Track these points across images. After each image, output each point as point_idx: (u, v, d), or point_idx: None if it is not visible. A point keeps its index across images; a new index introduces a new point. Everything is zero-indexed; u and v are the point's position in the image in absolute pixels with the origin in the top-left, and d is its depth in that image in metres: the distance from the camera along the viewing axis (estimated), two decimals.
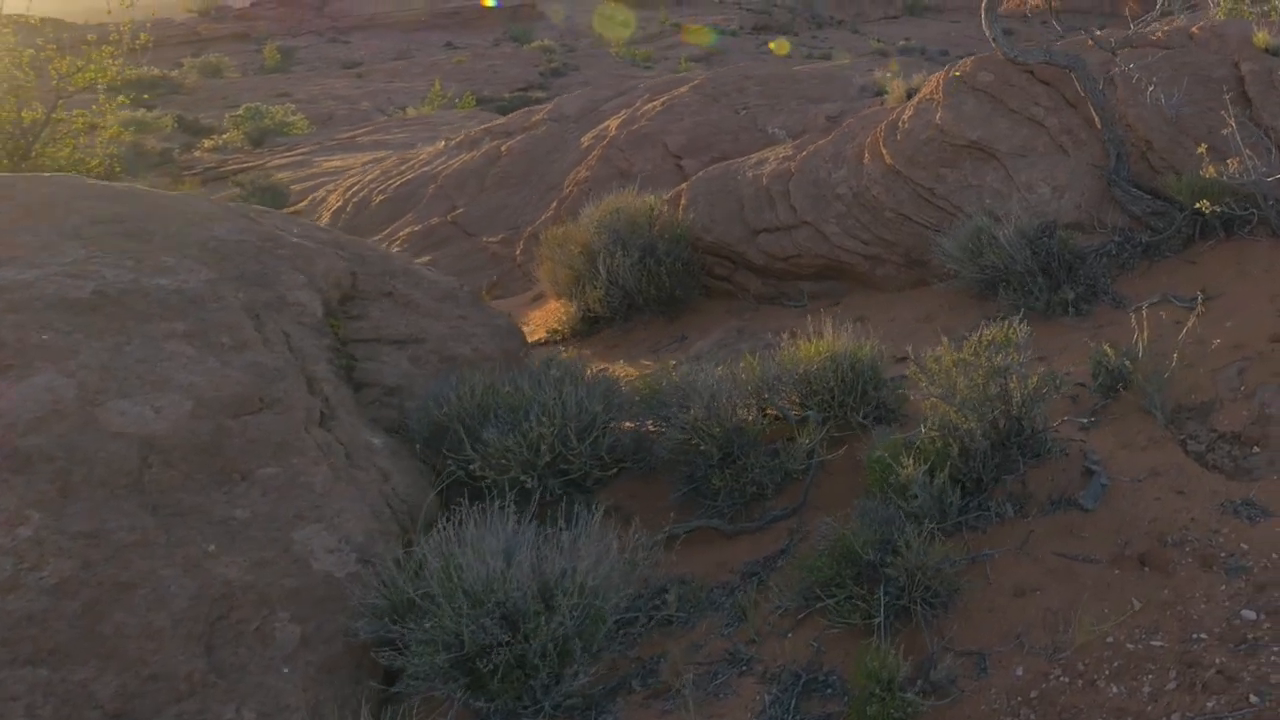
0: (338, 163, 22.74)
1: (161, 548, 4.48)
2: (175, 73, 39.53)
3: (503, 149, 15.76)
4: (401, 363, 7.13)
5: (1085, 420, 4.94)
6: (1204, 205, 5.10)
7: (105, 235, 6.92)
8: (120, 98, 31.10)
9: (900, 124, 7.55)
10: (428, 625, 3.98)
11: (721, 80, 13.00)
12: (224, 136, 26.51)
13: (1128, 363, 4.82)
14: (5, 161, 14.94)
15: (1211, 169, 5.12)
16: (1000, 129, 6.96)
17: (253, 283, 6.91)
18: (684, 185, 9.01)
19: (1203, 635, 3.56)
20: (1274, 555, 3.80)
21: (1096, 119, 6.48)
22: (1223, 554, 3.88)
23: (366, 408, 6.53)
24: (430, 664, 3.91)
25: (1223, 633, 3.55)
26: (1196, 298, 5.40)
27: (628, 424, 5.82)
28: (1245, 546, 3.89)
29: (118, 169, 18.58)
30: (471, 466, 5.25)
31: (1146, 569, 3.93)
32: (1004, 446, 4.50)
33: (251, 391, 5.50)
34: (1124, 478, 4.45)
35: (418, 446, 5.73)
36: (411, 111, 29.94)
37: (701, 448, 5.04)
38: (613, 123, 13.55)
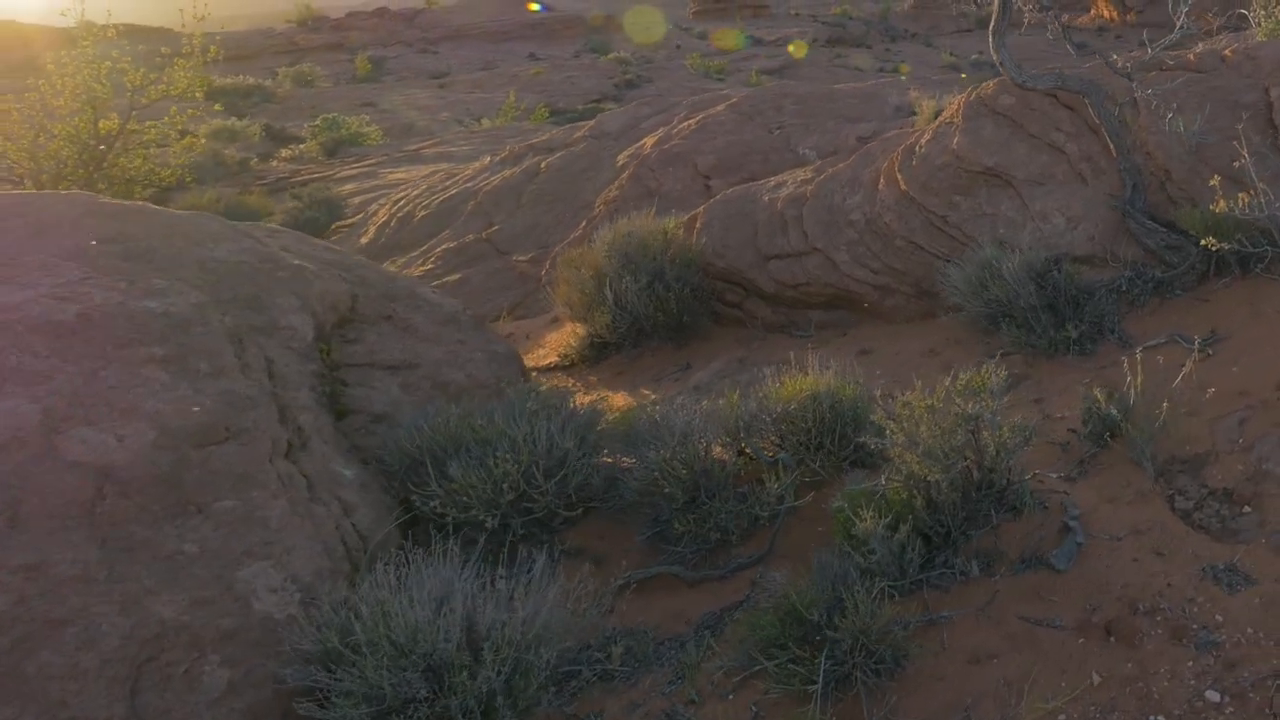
0: (401, 175, 22.82)
1: (101, 584, 4.39)
2: (269, 82, 40.25)
3: (542, 165, 15.69)
4: (392, 389, 7.03)
5: (1071, 470, 4.64)
6: (1209, 242, 4.78)
7: (107, 255, 6.90)
8: (216, 105, 31.93)
9: (917, 148, 7.27)
10: (351, 675, 3.84)
11: (758, 99, 12.76)
12: (301, 146, 26.78)
13: (1114, 410, 4.52)
14: (81, 171, 15.25)
15: (1222, 202, 4.79)
16: (1019, 155, 6.65)
17: (245, 306, 6.85)
18: (701, 208, 8.81)
19: (1160, 718, 3.27)
20: (1249, 630, 3.50)
21: (1112, 147, 6.16)
22: (1195, 625, 3.59)
23: (350, 435, 6.43)
24: (349, 717, 3.76)
25: (1182, 715, 3.27)
26: (1196, 341, 5.08)
27: (608, 459, 5.64)
28: (1220, 618, 3.59)
29: (189, 179, 18.87)
30: (432, 504, 5.10)
31: (1113, 638, 3.65)
32: (974, 499, 4.24)
33: (219, 420, 5.40)
34: (1103, 535, 4.16)
35: (385, 479, 5.60)
36: (486, 123, 30.01)
37: (666, 490, 4.84)
38: (649, 141, 13.39)
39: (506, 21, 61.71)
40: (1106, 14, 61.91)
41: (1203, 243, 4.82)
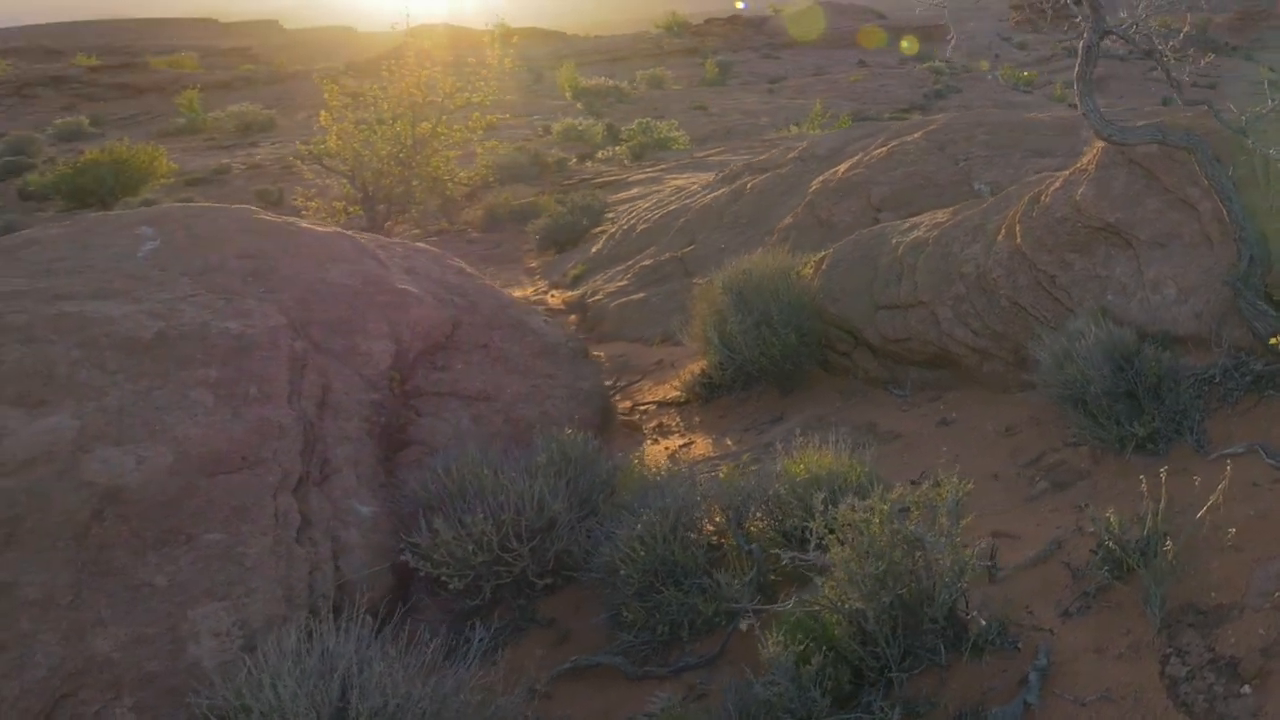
0: (680, 181, 22.94)
1: (59, 610, 4.53)
2: (625, 84, 42.38)
3: (747, 186, 15.32)
4: (463, 420, 6.98)
5: (1073, 604, 3.92)
6: (1278, 341, 3.87)
7: (232, 273, 7.24)
8: (578, 104, 33.89)
9: (1042, 198, 6.44)
10: None
11: (953, 127, 11.86)
12: (615, 149, 27.67)
13: (1111, 543, 3.76)
14: (397, 169, 16.53)
15: None
16: (1148, 211, 5.74)
17: (331, 329, 6.98)
18: (831, 248, 8.25)
19: None
20: None
21: (1224, 210, 5.18)
22: None
23: (403, 468, 6.38)
24: None
25: None
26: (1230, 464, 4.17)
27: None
28: None
29: (490, 179, 19.87)
30: (402, 557, 4.98)
31: None
32: (918, 632, 3.65)
33: (240, 449, 5.52)
34: (1067, 695, 3.48)
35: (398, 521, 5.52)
36: (794, 129, 29.95)
37: (622, 572, 4.48)
38: (842, 167, 12.76)
39: (845, 29, 62.64)
40: None
41: (1272, 341, 3.92)
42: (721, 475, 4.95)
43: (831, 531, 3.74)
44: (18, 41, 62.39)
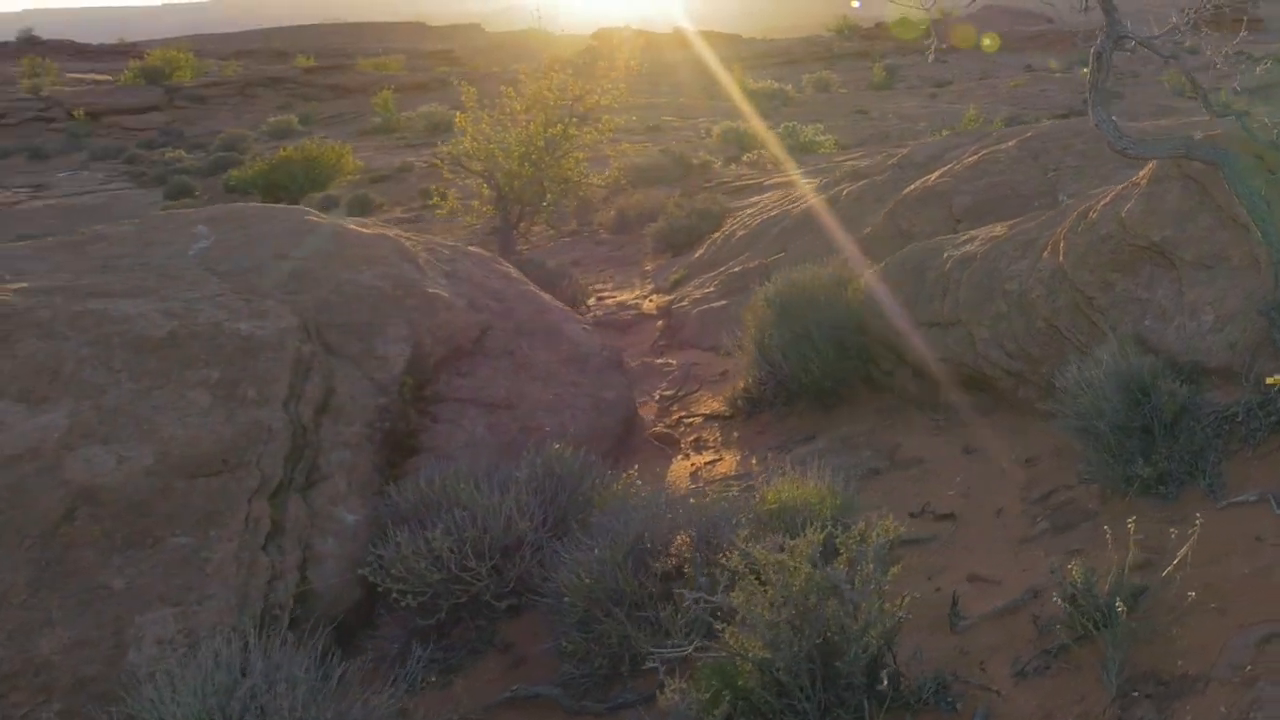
0: (811, 185, 22.55)
1: (10, 609, 4.54)
2: (790, 87, 42.37)
3: (843, 194, 14.85)
4: (478, 429, 6.84)
5: (1030, 663, 3.49)
6: (1277, 380, 3.36)
7: (264, 272, 7.28)
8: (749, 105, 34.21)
9: (1091, 213, 5.92)
10: None
11: (1049, 135, 11.19)
12: (760, 152, 27.53)
13: (1059, 600, 3.32)
14: (529, 170, 16.76)
15: None
16: (1198, 229, 5.18)
17: (349, 332, 6.91)
18: (885, 261, 7.81)
19: None
20: None
21: (1258, 232, 4.61)
22: None
23: (407, 477, 6.24)
24: None
25: None
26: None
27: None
28: None
29: (623, 182, 19.98)
30: (361, 570, 4.82)
31: None
32: (839, 686, 3.29)
33: (224, 452, 5.47)
34: None
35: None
36: (945, 133, 29.31)
37: (566, 599, 4.23)
38: (933, 174, 12.21)
39: (1013, 34, 61.57)
40: None
41: (1269, 380, 3.42)
42: (693, 500, 4.64)
43: (755, 572, 3.41)
44: (255, 44, 66.45)
